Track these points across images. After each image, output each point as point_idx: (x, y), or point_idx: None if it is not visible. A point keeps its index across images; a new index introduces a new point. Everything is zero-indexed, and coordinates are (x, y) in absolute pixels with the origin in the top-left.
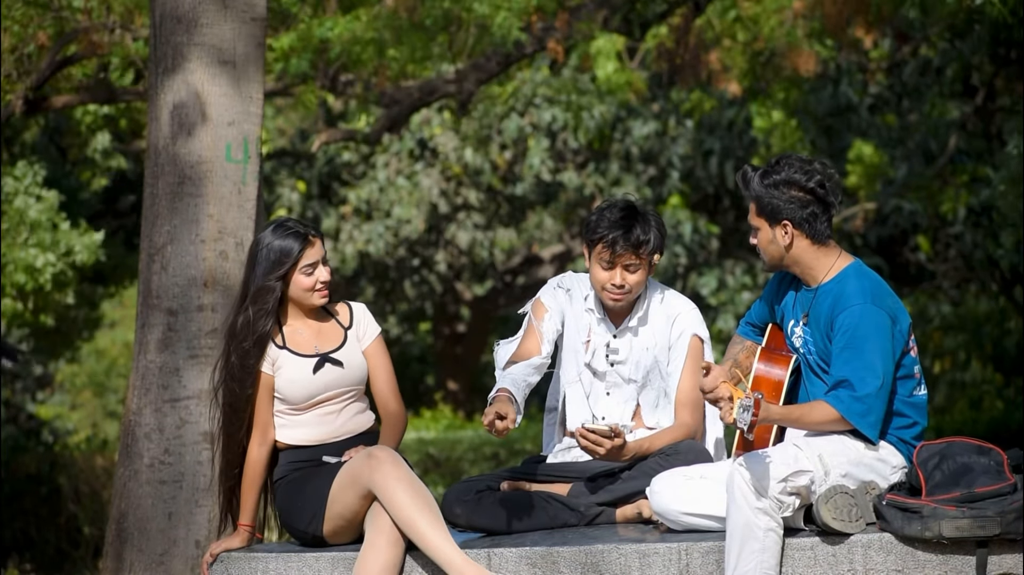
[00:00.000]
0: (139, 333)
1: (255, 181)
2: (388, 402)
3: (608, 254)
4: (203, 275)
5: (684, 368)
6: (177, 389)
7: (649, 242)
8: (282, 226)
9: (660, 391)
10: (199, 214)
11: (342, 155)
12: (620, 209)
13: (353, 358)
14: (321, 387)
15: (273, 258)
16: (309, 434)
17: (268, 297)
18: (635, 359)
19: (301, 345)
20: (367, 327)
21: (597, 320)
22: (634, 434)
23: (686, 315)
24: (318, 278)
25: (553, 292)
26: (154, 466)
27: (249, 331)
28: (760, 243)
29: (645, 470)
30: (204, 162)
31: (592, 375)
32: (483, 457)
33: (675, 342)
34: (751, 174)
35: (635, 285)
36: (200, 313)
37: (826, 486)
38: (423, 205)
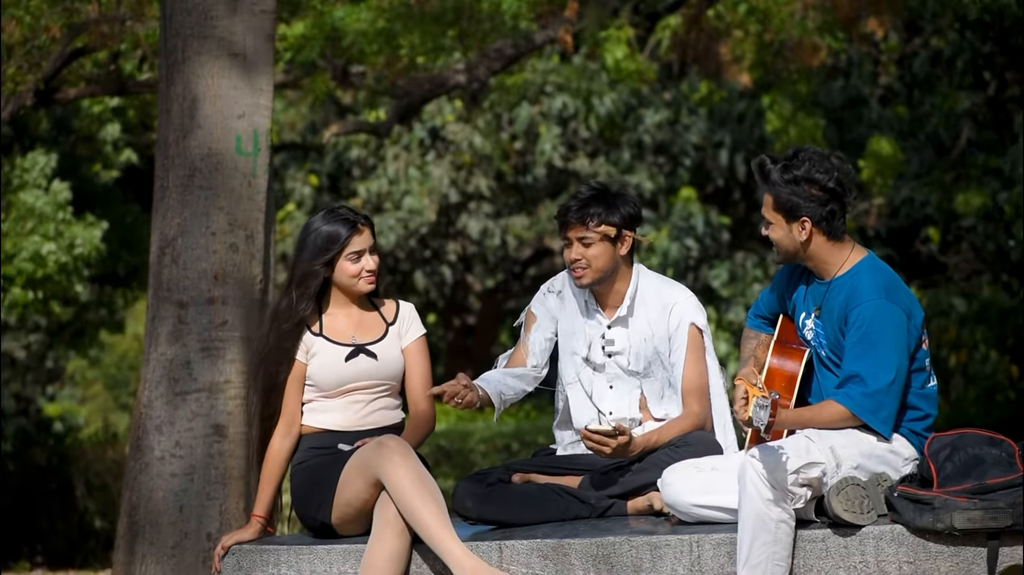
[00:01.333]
0: (150, 326)
1: (265, 174)
2: (419, 401)
3: (562, 230)
4: (214, 268)
5: (687, 357)
6: (188, 382)
7: (599, 214)
8: (332, 212)
9: (664, 381)
10: (209, 207)
11: (351, 150)
12: (590, 188)
13: (389, 353)
14: (351, 375)
15: (320, 243)
16: (334, 419)
17: (311, 282)
18: (634, 349)
19: (338, 333)
20: (411, 326)
21: (591, 312)
22: (643, 426)
23: (683, 304)
24: (364, 266)
25: (543, 299)
26: (165, 459)
27: (291, 313)
28: (774, 237)
29: (656, 462)
30: (214, 155)
31: (592, 371)
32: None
33: (674, 332)
34: (769, 166)
35: (592, 259)
36: (211, 306)
37: (838, 478)
38: (434, 194)
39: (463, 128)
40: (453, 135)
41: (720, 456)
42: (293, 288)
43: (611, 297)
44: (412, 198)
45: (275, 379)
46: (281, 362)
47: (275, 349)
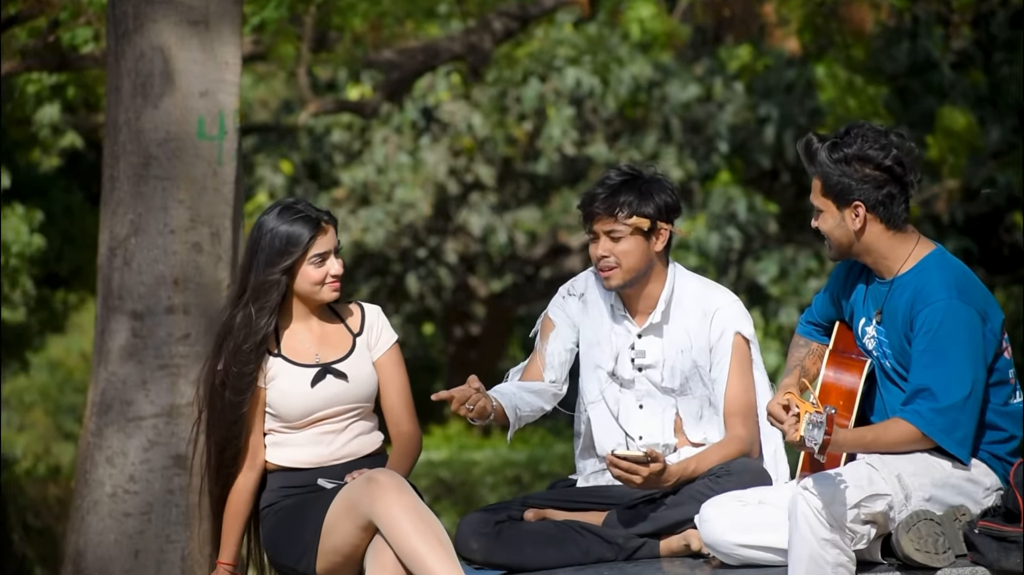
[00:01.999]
0: (99, 340)
1: (233, 161)
2: (400, 422)
3: (587, 223)
4: (173, 272)
5: (730, 371)
6: (144, 405)
7: (630, 203)
8: (289, 209)
9: (703, 400)
10: (168, 200)
11: (333, 132)
12: (620, 173)
13: (361, 370)
14: (320, 403)
15: (278, 246)
16: (304, 455)
17: (272, 293)
18: (668, 363)
19: (299, 352)
20: (381, 334)
21: (619, 318)
22: (678, 453)
23: (726, 310)
24: (328, 270)
25: (562, 303)
26: (117, 496)
27: (250, 331)
28: (825, 227)
29: (693, 494)
30: (173, 139)
31: (619, 387)
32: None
33: (716, 343)
34: (816, 145)
35: (623, 256)
36: (170, 316)
37: (907, 512)
38: (429, 185)
39: (462, 107)
40: (450, 116)
41: (769, 487)
42: (249, 301)
43: (642, 301)
44: (404, 188)
45: (238, 412)
46: (244, 389)
47: (235, 376)
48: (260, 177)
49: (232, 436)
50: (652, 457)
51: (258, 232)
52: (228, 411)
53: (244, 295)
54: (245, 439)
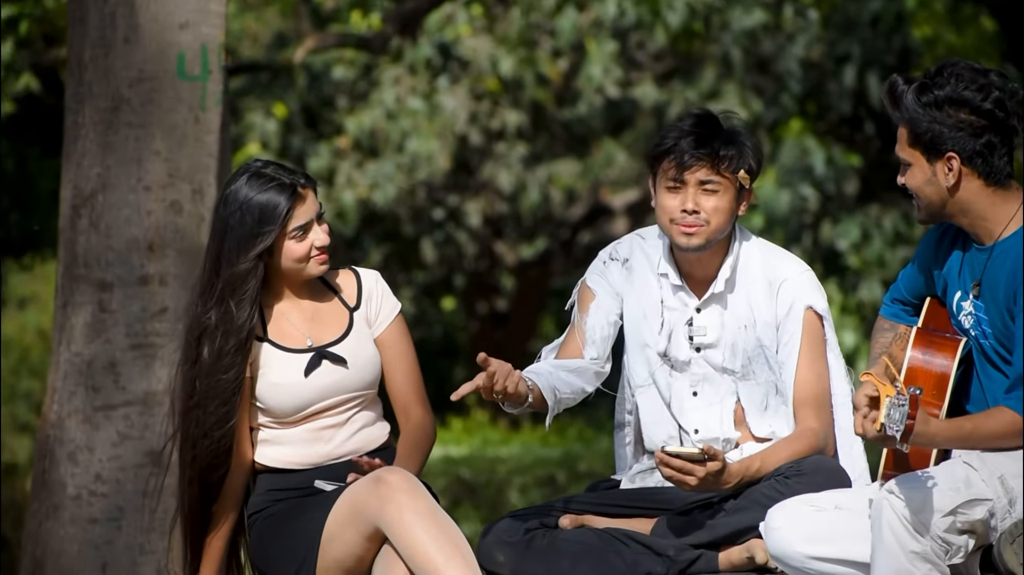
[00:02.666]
0: (60, 315)
1: (218, 105)
2: (409, 407)
3: (675, 168)
4: (148, 235)
5: (800, 353)
6: (113, 392)
7: (735, 155)
8: (258, 176)
9: (769, 387)
10: (142, 151)
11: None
12: (693, 116)
13: (361, 351)
14: (316, 394)
15: (250, 225)
16: (298, 454)
17: (250, 280)
18: (729, 340)
19: (289, 335)
20: (382, 304)
21: (673, 289)
22: (740, 449)
23: (795, 281)
24: (312, 242)
25: (603, 270)
26: (82, 498)
27: (231, 329)
28: (913, 184)
29: (757, 498)
30: (148, 79)
31: (670, 370)
32: (535, 482)
33: (783, 319)
34: (902, 87)
35: (714, 214)
36: (144, 287)
37: (1011, 520)
38: (447, 135)
39: (485, 43)
40: (472, 52)
41: (847, 490)
42: (226, 294)
43: (703, 269)
44: (418, 138)
45: (225, 424)
46: (229, 400)
47: (219, 386)
48: (249, 124)
49: (220, 451)
50: (710, 454)
51: (225, 209)
52: (213, 425)
53: (216, 286)
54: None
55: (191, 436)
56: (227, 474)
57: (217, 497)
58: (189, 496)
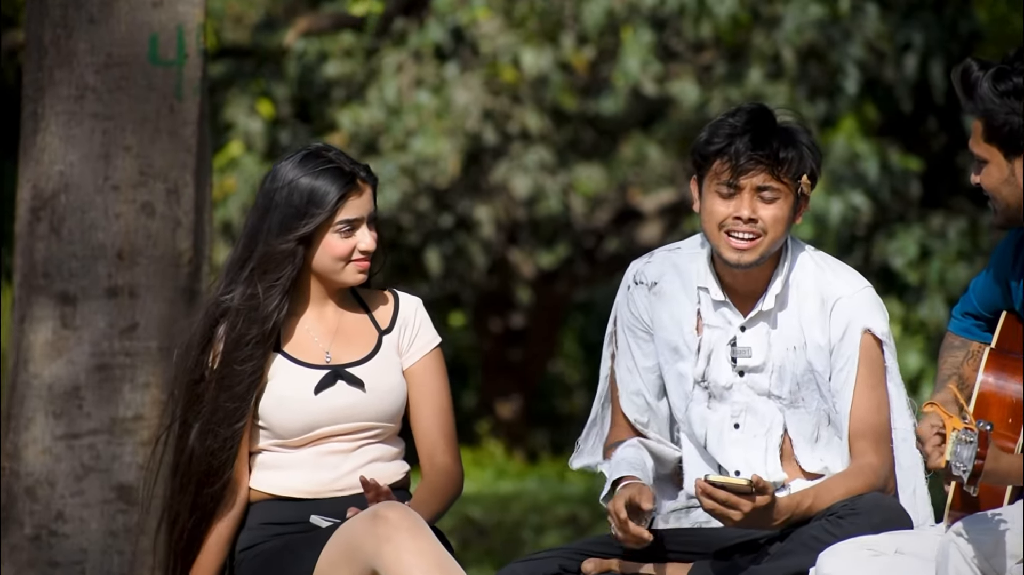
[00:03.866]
0: (16, 332)
1: (196, 94)
2: (435, 453)
3: (729, 172)
4: (117, 241)
5: (857, 380)
6: (77, 419)
7: (795, 158)
8: (316, 157)
9: (821, 416)
10: (109, 146)
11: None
12: (747, 112)
13: (384, 378)
14: (323, 415)
15: (298, 204)
16: (298, 480)
17: (286, 266)
18: (776, 362)
19: (305, 348)
20: (419, 333)
21: (715, 305)
22: (788, 487)
23: (852, 299)
24: (357, 244)
25: (627, 304)
26: (41, 539)
27: (257, 316)
28: (989, 184)
29: (807, 540)
30: (116, 64)
31: (708, 398)
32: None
33: (838, 342)
34: (977, 74)
35: (773, 224)
36: (112, 300)
37: None
38: (457, 133)
39: (503, 28)
40: (487, 41)
41: (908, 532)
42: (255, 275)
43: (751, 282)
44: (424, 137)
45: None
46: (243, 396)
47: (233, 377)
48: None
49: (223, 454)
50: (759, 487)
51: (271, 183)
52: (221, 420)
53: (247, 265)
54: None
55: (192, 430)
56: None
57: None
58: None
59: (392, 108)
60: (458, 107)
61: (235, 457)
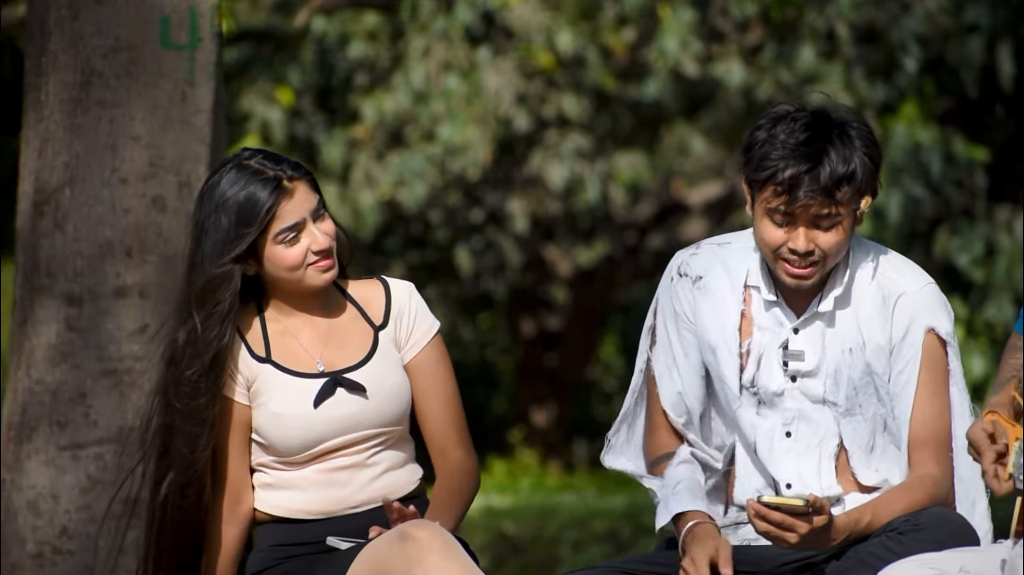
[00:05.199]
0: (18, 335)
1: (210, 79)
2: (447, 447)
3: (782, 201)
4: (125, 238)
5: (919, 384)
6: (83, 428)
7: (853, 176)
8: (240, 168)
9: (877, 422)
10: (117, 136)
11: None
12: (802, 124)
13: (386, 379)
14: (327, 428)
15: (227, 225)
16: (308, 500)
17: (222, 292)
18: (831, 366)
19: (296, 357)
20: (415, 322)
21: (765, 305)
22: (843, 503)
23: (915, 296)
24: (308, 246)
25: (670, 296)
26: (44, 557)
27: (196, 351)
28: None
29: (865, 558)
30: (125, 48)
31: (758, 405)
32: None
33: (899, 342)
34: None
35: (832, 250)
36: (120, 301)
37: None
38: (489, 120)
39: (537, 10)
40: (521, 23)
41: (974, 549)
42: (195, 306)
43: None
44: (453, 125)
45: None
46: (197, 435)
47: (183, 416)
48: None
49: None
50: (815, 506)
51: (200, 210)
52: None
53: (187, 300)
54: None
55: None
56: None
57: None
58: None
59: (419, 95)
60: (489, 92)
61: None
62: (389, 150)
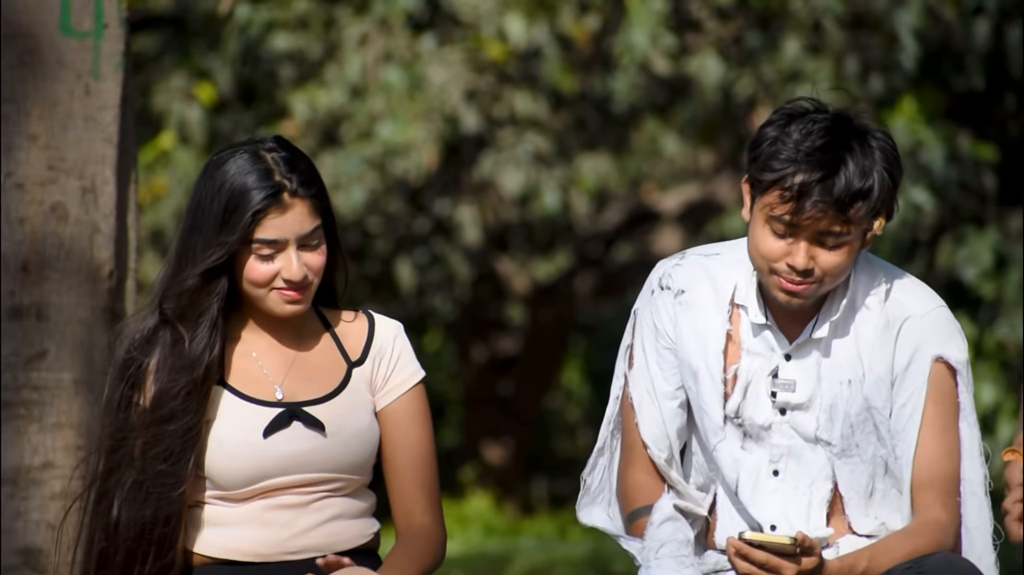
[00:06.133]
0: None
1: (117, 72)
2: (412, 511)
3: (787, 210)
4: (21, 251)
5: (924, 419)
6: None
7: (870, 193)
8: (254, 157)
9: (877, 464)
10: (12, 135)
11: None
12: (821, 128)
13: (351, 420)
14: (274, 463)
15: (217, 211)
16: (243, 540)
17: (207, 298)
18: (825, 400)
19: (254, 381)
20: (397, 364)
21: (755, 328)
22: (836, 547)
23: (924, 319)
24: (279, 270)
25: (649, 309)
26: None
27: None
28: None
29: None
30: (20, 35)
31: (743, 438)
32: None
33: (903, 372)
34: None
35: (833, 271)
36: (15, 323)
37: None
38: (434, 118)
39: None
40: (470, 9)
41: None
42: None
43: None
44: (393, 123)
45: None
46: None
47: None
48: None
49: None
50: (804, 546)
51: (203, 183)
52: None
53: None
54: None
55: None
56: None
57: None
58: None
59: (355, 89)
60: (434, 86)
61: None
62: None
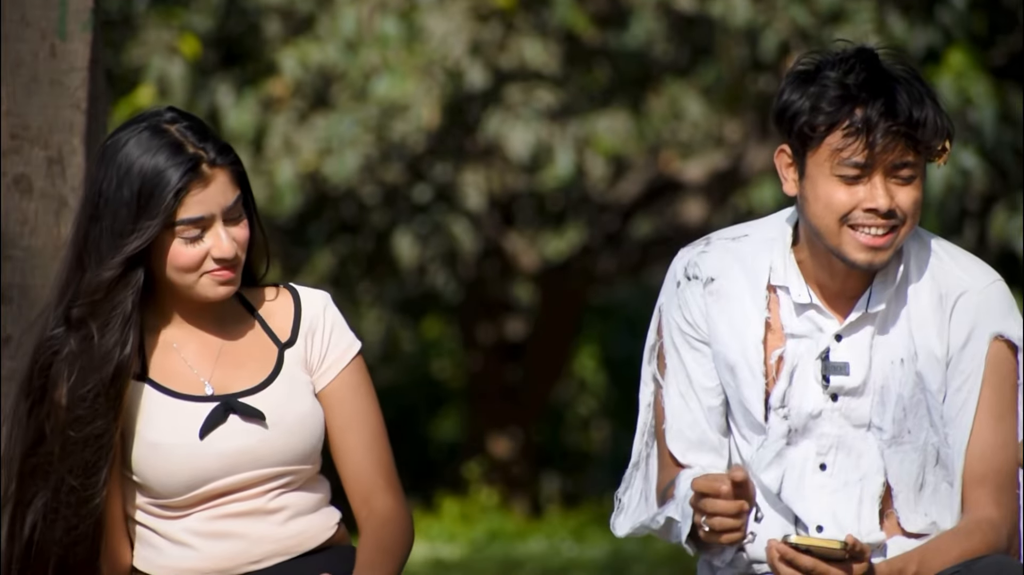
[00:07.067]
0: None
1: (85, 31)
2: (371, 494)
3: (858, 147)
4: None
5: (980, 405)
6: None
7: (933, 112)
8: (156, 131)
9: (928, 453)
10: None
11: None
12: (862, 62)
13: (291, 407)
14: (216, 465)
15: (127, 197)
16: (192, 558)
17: (123, 294)
18: (877, 382)
19: (178, 375)
20: (331, 339)
21: (798, 308)
22: (884, 550)
23: (980, 295)
24: (209, 250)
25: (675, 303)
26: None
27: (94, 364)
28: None
29: None
30: None
31: (788, 431)
32: None
33: (958, 351)
34: None
35: (912, 211)
36: None
37: None
38: (435, 73)
39: None
40: None
41: None
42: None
43: (850, 278)
44: (390, 79)
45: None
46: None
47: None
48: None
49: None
50: (854, 551)
51: (101, 169)
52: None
53: (74, 291)
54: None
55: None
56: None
57: None
58: None
59: (349, 43)
60: (435, 39)
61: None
62: (312, 111)
